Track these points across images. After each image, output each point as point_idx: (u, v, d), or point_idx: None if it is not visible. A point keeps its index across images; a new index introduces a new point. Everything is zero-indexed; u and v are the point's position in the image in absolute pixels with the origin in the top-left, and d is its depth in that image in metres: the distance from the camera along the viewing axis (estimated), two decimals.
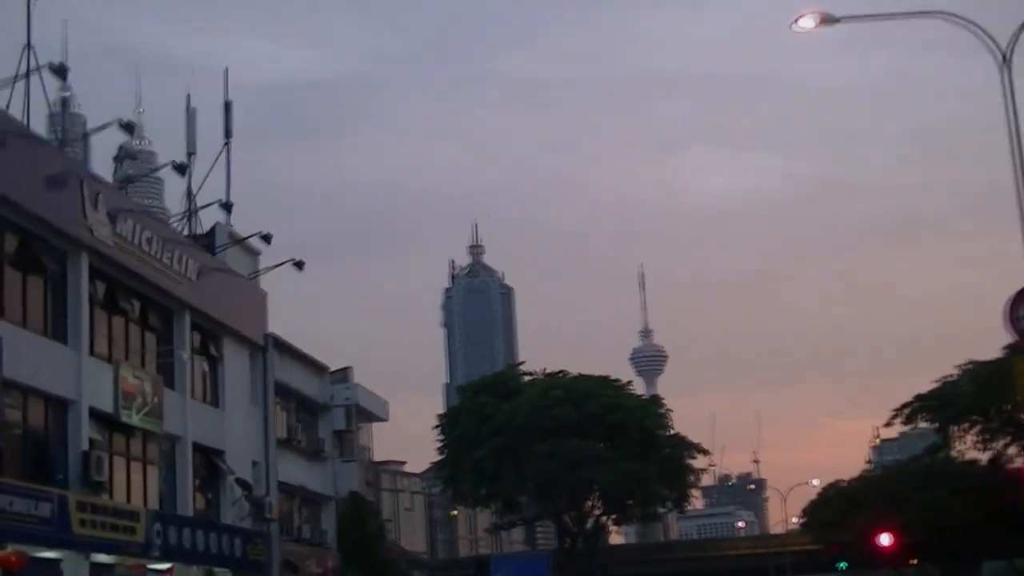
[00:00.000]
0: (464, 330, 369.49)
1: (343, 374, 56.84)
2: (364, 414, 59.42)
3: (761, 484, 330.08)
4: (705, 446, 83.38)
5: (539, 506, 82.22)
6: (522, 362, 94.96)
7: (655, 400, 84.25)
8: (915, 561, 78.38)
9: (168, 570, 35.78)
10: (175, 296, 39.49)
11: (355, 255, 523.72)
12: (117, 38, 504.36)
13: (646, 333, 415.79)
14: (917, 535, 66.87)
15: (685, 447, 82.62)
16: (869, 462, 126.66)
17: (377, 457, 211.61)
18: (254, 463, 45.74)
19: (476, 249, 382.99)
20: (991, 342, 70.03)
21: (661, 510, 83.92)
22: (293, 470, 49.90)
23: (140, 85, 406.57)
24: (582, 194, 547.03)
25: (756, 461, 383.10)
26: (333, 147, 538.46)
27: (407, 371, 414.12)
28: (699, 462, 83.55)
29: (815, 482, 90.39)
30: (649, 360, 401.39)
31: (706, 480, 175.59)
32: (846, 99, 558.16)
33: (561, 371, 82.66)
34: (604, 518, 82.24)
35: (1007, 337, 22.43)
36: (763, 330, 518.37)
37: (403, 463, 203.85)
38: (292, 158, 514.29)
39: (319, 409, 54.91)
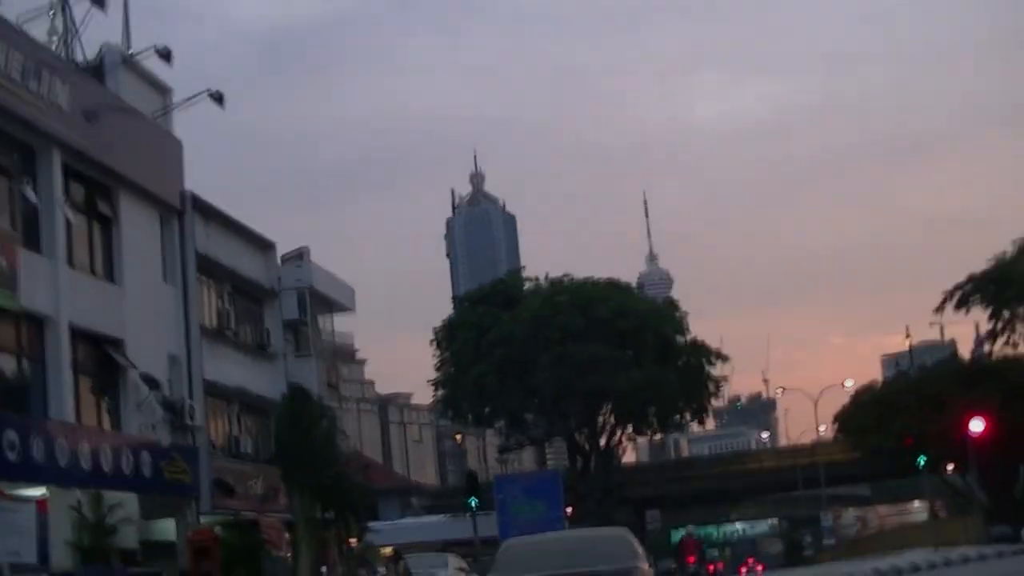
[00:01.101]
0: (468, 260, 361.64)
1: (296, 255, 46.88)
2: (323, 302, 48.06)
3: (771, 404, 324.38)
4: (714, 370, 76.33)
5: (547, 423, 75.28)
6: (522, 267, 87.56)
7: (670, 304, 76.49)
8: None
9: (41, 500, 24.61)
10: (38, 128, 29.64)
11: (356, 192, 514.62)
12: None
13: (652, 258, 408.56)
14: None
15: (704, 354, 75.46)
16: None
17: (383, 390, 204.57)
18: (171, 358, 36.04)
19: (476, 178, 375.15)
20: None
21: (680, 420, 76.72)
22: (228, 368, 39.75)
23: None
24: (582, 123, 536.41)
25: (766, 381, 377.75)
26: (333, 86, 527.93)
27: (413, 305, 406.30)
28: (719, 370, 76.62)
29: (848, 383, 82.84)
30: (655, 285, 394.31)
31: (716, 401, 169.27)
32: (846, 19, 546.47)
33: (565, 275, 75.33)
34: (619, 432, 75.13)
35: None
36: (769, 254, 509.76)
37: (410, 395, 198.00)
38: (292, 99, 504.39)
39: (264, 296, 44.34)
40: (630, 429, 76.09)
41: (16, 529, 21.86)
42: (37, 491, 25.40)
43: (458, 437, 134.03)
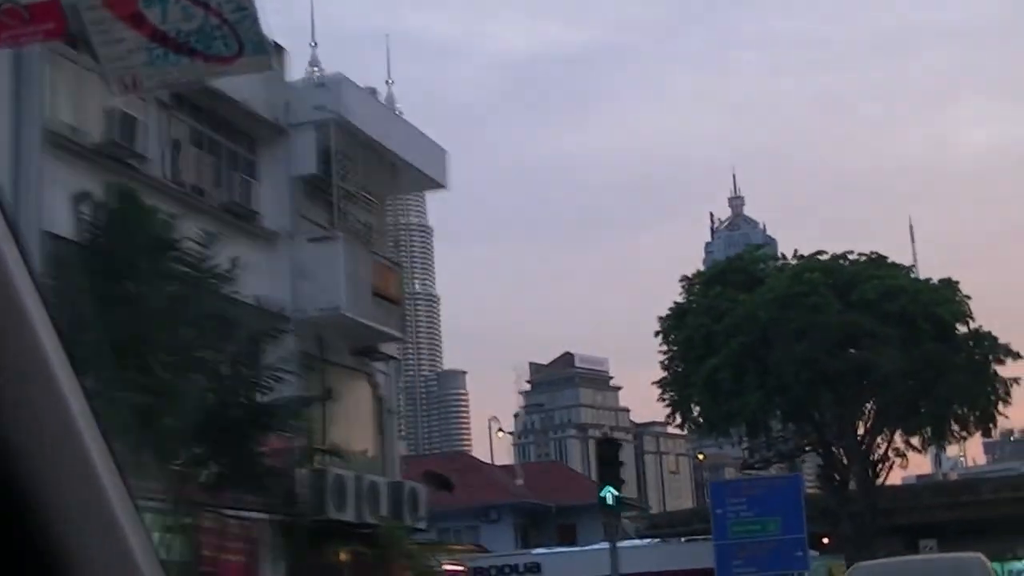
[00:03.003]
0: None
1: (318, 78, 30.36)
2: (372, 152, 30.80)
3: None
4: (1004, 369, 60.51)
5: (796, 428, 60.96)
6: (764, 244, 72.98)
7: (949, 284, 60.98)
8: None
9: None
10: None
11: (609, 228, 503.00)
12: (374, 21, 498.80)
13: None
14: None
15: (991, 348, 60.04)
16: None
17: (638, 419, 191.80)
18: None
19: (736, 201, 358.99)
20: None
21: (959, 432, 60.94)
22: None
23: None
24: (844, 151, 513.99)
25: None
26: (585, 118, 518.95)
27: None
28: (1008, 369, 60.96)
29: None
30: None
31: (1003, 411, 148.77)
32: None
33: (819, 251, 60.95)
34: (883, 440, 59.92)
35: None
36: None
37: (666, 424, 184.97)
38: (542, 131, 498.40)
39: (263, 132, 28.99)
40: (897, 440, 61.12)
41: None
42: None
43: (701, 456, 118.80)
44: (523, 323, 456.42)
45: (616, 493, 34.13)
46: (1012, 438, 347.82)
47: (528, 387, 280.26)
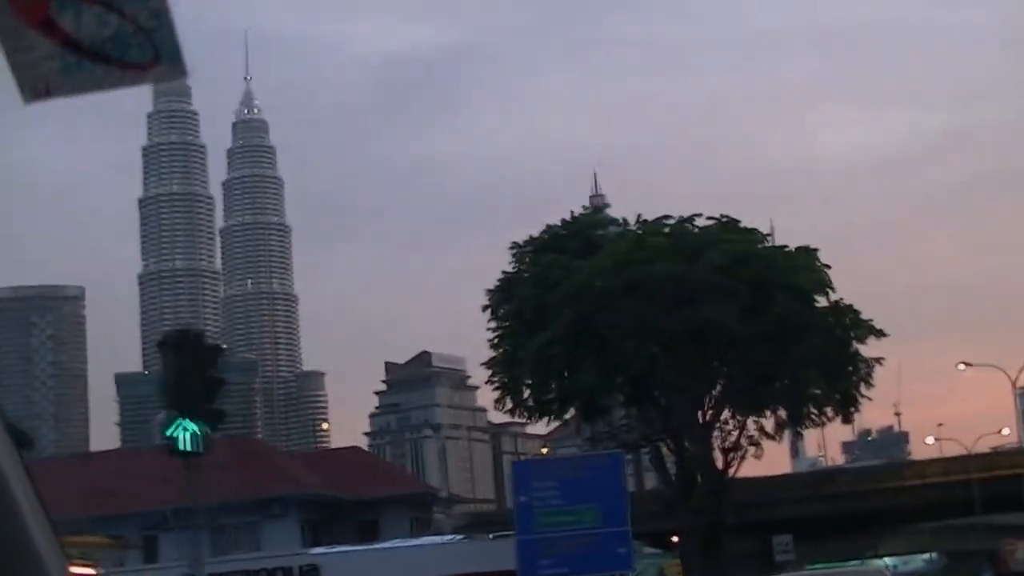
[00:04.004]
0: None
1: None
2: None
3: (904, 437, 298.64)
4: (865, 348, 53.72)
5: (639, 413, 53.84)
6: (605, 205, 65.74)
7: (808, 252, 54.09)
8: None
9: None
10: None
11: (470, 228, 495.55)
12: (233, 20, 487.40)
13: None
14: None
15: (854, 324, 53.45)
16: None
17: (497, 420, 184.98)
18: None
19: (597, 199, 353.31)
20: None
21: (818, 416, 53.99)
22: None
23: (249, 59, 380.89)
24: (708, 155, 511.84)
25: (898, 414, 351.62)
26: (449, 120, 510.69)
27: None
28: (872, 349, 54.53)
29: (1006, 431, 60.79)
30: None
31: (845, 434, 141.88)
32: (972, 48, 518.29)
33: (664, 215, 53.90)
34: (737, 424, 52.90)
35: None
36: (894, 286, 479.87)
37: (525, 423, 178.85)
38: (405, 132, 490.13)
39: None
40: (751, 427, 54.39)
41: None
42: None
43: (544, 451, 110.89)
44: (384, 323, 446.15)
45: (199, 430, 23.31)
46: (870, 438, 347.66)
47: (384, 387, 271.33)
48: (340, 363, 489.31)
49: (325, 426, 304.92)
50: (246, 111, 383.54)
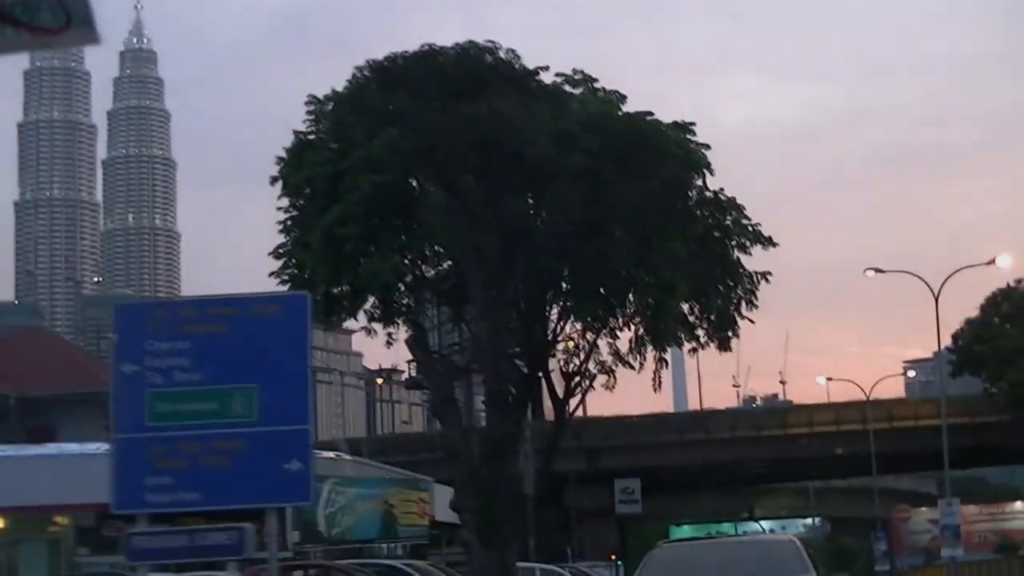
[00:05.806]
0: None
1: None
2: None
3: (788, 407, 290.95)
4: (731, 371, 42.09)
5: (453, 315, 41.54)
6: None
7: (683, 126, 41.66)
8: None
9: None
10: None
11: None
12: None
13: None
14: None
15: (737, 227, 41.65)
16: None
17: (374, 366, 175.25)
18: None
19: None
20: None
21: (687, 336, 42.09)
22: None
23: None
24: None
25: (783, 382, 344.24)
26: (345, 64, 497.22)
27: None
28: (760, 261, 42.76)
29: None
30: None
31: (730, 401, 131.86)
32: (876, 26, 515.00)
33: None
34: (585, 347, 41.09)
35: None
36: (787, 262, 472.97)
37: (403, 372, 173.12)
38: (300, 75, 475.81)
39: None
40: (603, 350, 42.81)
41: None
42: None
43: (379, 381, 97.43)
44: (267, 264, 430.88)
45: None
46: (755, 405, 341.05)
47: None
48: None
49: None
50: (135, 40, 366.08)
